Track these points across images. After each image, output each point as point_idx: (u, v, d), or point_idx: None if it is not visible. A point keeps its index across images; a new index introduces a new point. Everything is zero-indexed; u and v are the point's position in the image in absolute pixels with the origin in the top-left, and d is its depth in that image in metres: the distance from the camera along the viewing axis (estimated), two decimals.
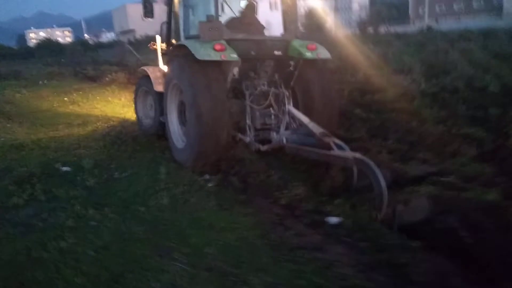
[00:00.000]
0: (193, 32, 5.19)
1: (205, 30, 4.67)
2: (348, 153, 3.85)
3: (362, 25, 27.62)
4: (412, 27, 32.93)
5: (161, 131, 5.90)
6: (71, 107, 10.80)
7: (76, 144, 6.26)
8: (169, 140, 5.48)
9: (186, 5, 5.38)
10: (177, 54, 5.15)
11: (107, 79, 14.93)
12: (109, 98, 11.52)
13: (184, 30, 5.43)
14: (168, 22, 6.00)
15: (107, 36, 68.91)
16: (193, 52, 4.56)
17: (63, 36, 79.57)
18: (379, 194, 3.26)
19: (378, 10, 42.44)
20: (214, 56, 4.50)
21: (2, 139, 7.17)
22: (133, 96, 7.29)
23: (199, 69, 4.60)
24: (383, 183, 3.26)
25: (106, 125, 7.97)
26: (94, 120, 8.62)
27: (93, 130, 7.54)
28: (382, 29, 25.24)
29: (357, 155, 3.68)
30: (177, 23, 5.58)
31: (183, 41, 5.22)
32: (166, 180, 4.49)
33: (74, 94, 12.78)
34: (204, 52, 4.51)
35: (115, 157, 5.58)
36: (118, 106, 10.49)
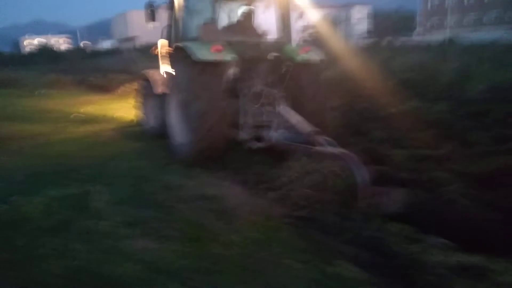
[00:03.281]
0: (193, 34, 5.34)
1: (204, 32, 5.05)
2: (333, 149, 4.00)
3: (377, 36, 25.73)
4: (419, 38, 31.20)
5: (163, 130, 5.85)
6: (82, 129, 7.82)
7: (119, 223, 3.29)
8: (170, 137, 5.56)
9: (187, 10, 5.52)
10: (177, 55, 5.30)
11: (122, 89, 12.05)
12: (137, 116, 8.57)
13: (184, 33, 5.55)
14: (170, 26, 6.20)
15: (105, 44, 65.62)
16: (191, 53, 4.71)
17: (59, 44, 75.97)
18: (360, 186, 3.43)
19: (394, 21, 40.84)
20: (211, 57, 4.69)
21: None
22: (139, 99, 7.38)
23: (197, 69, 4.74)
24: (365, 175, 3.43)
25: (160, 170, 4.93)
26: (132, 157, 5.62)
27: (139, 185, 4.54)
28: (397, 41, 23.28)
29: (341, 150, 3.86)
30: (178, 26, 5.79)
31: (182, 43, 5.25)
32: None
33: (85, 109, 9.84)
34: (201, 53, 4.68)
35: (212, 260, 2.65)
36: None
